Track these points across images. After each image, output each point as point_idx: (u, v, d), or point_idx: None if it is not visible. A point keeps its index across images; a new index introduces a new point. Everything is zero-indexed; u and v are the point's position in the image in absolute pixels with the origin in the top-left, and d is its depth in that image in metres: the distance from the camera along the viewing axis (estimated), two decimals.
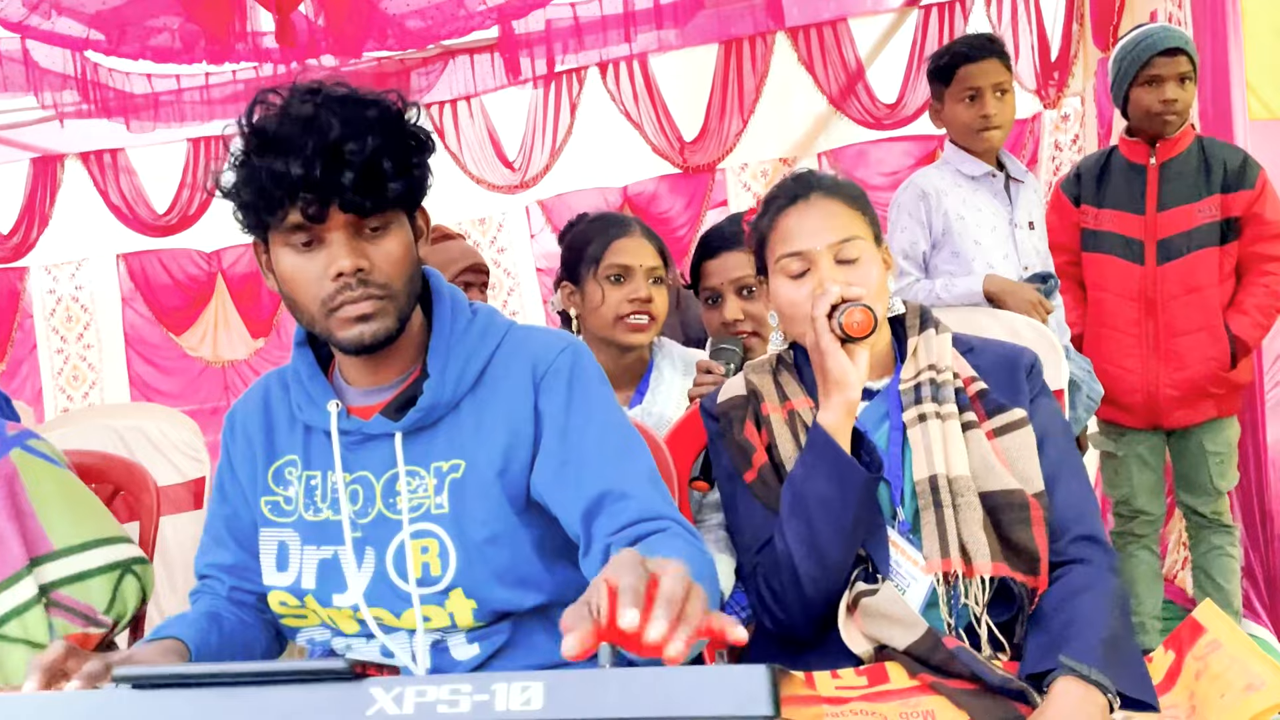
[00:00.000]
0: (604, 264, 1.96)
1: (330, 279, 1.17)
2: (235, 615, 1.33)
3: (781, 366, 1.43)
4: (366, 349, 1.20)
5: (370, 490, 1.26)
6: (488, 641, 1.26)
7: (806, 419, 1.35)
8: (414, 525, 1.23)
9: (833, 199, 1.38)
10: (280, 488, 1.31)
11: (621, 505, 1.17)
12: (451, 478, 1.23)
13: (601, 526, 1.17)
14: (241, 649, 1.31)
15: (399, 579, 1.24)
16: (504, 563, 1.23)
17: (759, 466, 1.35)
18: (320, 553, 1.27)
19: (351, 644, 1.29)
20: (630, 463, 1.22)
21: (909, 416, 1.32)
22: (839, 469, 1.23)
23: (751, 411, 1.39)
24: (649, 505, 1.17)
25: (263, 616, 1.36)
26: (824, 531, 1.24)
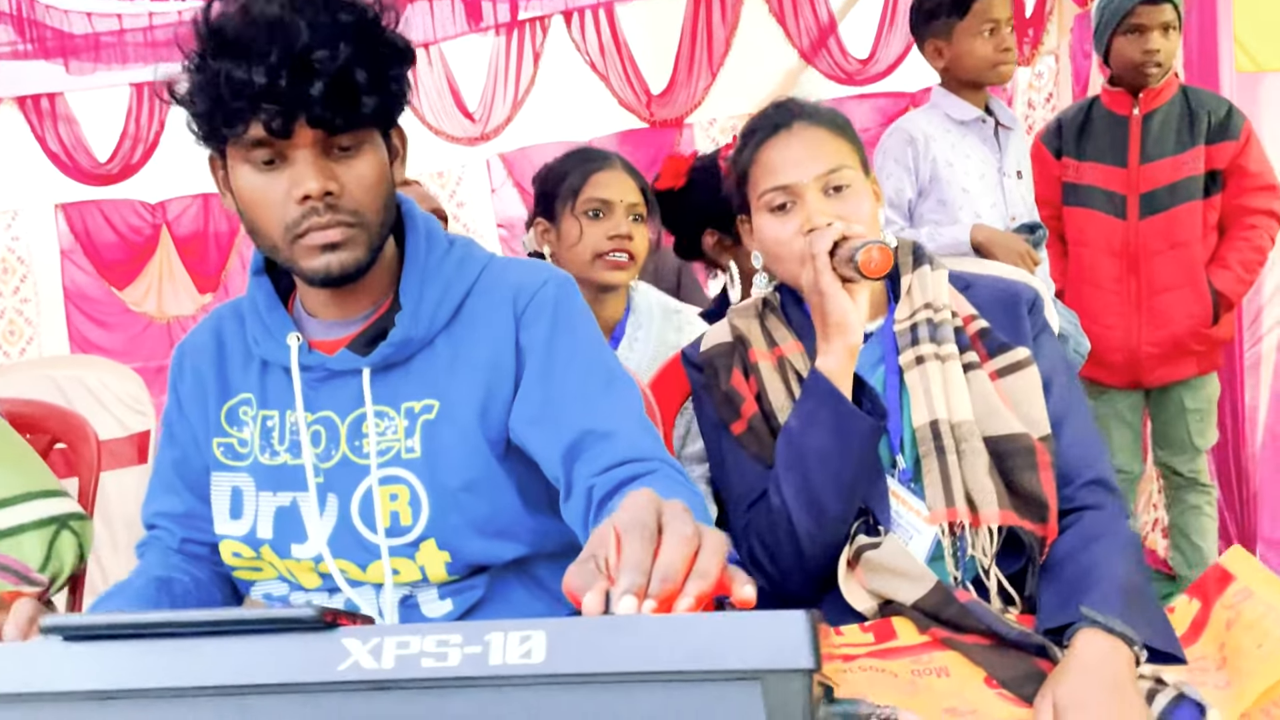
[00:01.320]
0: (582, 198, 1.87)
1: (295, 202, 1.06)
2: (188, 575, 1.23)
3: (768, 310, 1.35)
4: (334, 281, 1.10)
5: (334, 432, 1.15)
6: (461, 597, 1.17)
7: (798, 365, 1.27)
8: (382, 470, 1.13)
9: (817, 127, 1.29)
10: (234, 429, 1.21)
11: (605, 445, 1.08)
12: (424, 419, 1.14)
13: (583, 468, 1.08)
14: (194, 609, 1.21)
15: (365, 529, 1.14)
16: (482, 512, 1.13)
17: (748, 417, 1.27)
18: (278, 499, 1.17)
19: (312, 599, 1.19)
20: (615, 400, 1.13)
21: (906, 359, 1.25)
22: (840, 418, 1.15)
23: (739, 359, 1.31)
24: (635, 445, 1.08)
25: (218, 570, 1.26)
26: (823, 485, 1.16)
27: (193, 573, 1.24)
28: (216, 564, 1.26)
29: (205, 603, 1.23)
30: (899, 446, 1.23)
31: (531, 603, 1.20)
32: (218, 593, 1.26)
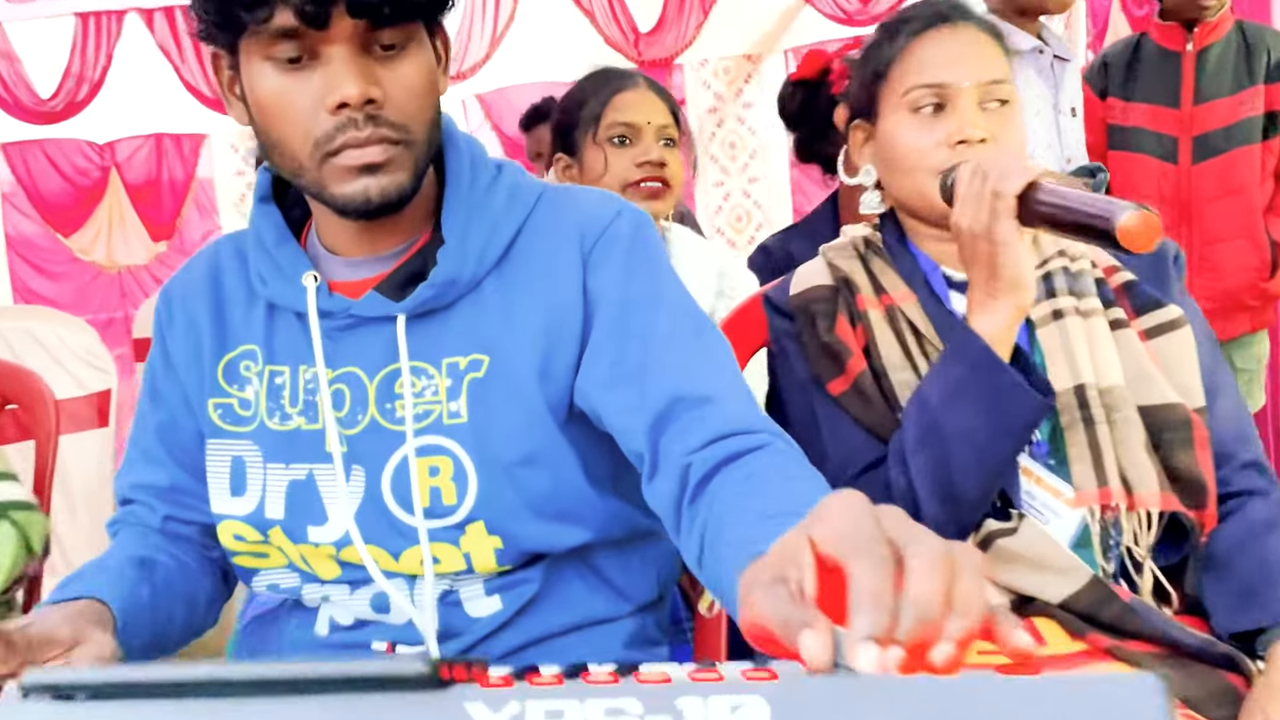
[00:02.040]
0: (605, 123, 1.67)
1: (328, 110, 0.86)
2: (171, 556, 1.03)
3: (870, 251, 1.16)
4: (371, 211, 0.90)
5: (361, 392, 0.96)
6: (512, 593, 0.98)
7: (912, 317, 1.09)
8: (421, 439, 0.94)
9: (983, 31, 1.10)
10: (234, 387, 1.00)
11: (701, 414, 0.89)
12: (471, 378, 0.94)
13: (675, 442, 0.89)
14: (182, 602, 1.01)
15: (399, 508, 0.95)
16: (540, 490, 0.95)
17: (854, 375, 1.09)
18: (291, 472, 0.98)
19: (329, 593, 1.00)
20: (709, 358, 0.94)
21: (1040, 313, 1.07)
22: (1000, 393, 0.97)
23: (844, 304, 1.12)
24: (738, 413, 0.89)
25: (207, 555, 1.07)
26: (964, 468, 0.98)
27: (177, 555, 1.04)
28: (205, 547, 1.07)
29: (191, 591, 1.03)
30: None
31: (591, 598, 1.02)
32: (206, 580, 1.06)
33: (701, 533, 0.82)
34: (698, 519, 0.84)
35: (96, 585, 0.93)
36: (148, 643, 0.96)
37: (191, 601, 1.03)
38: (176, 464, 1.05)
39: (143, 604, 0.95)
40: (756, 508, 0.76)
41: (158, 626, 0.97)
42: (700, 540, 0.83)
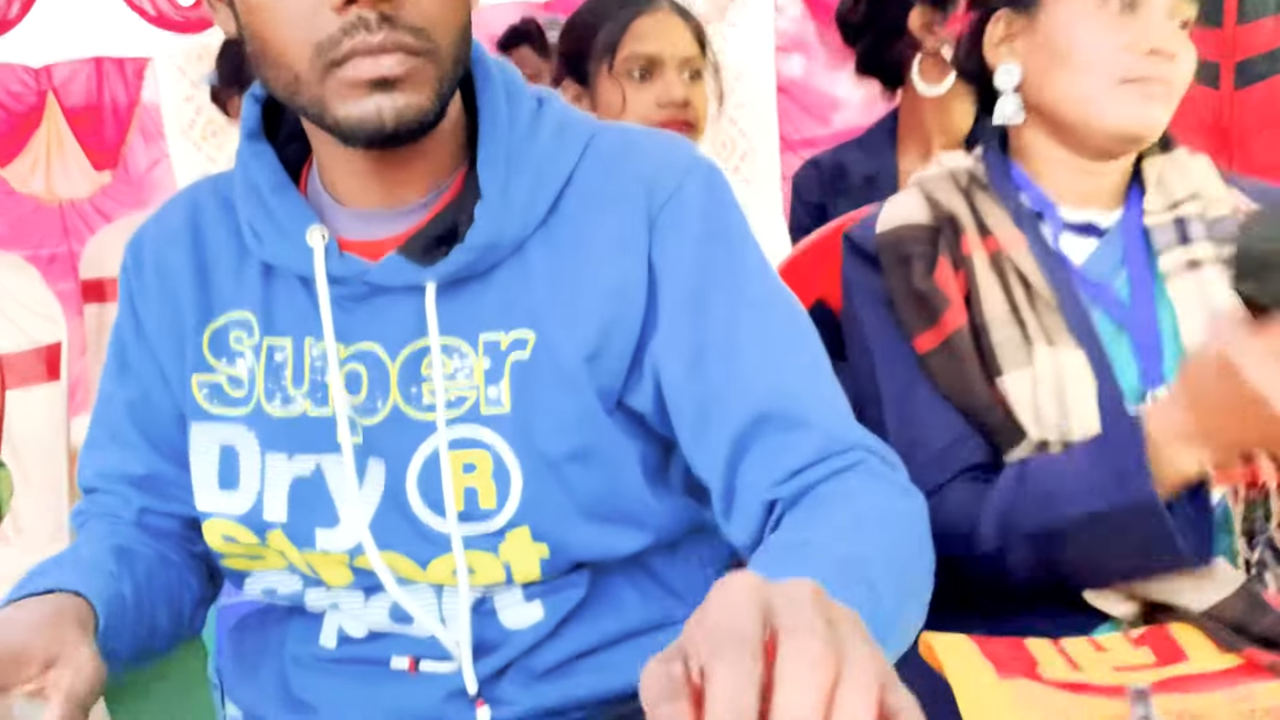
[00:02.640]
0: (622, 55, 1.51)
1: (334, 7, 0.70)
2: (151, 549, 0.89)
3: (974, 185, 1.01)
4: (384, 138, 0.74)
5: (380, 373, 0.81)
6: (555, 599, 0.85)
7: (1021, 265, 0.95)
8: (454, 430, 0.79)
9: None
10: (223, 361, 0.85)
11: (794, 437, 0.76)
12: (515, 359, 0.80)
13: (758, 469, 0.77)
14: (166, 601, 0.87)
15: (428, 511, 0.81)
16: (594, 490, 0.81)
17: (950, 330, 0.95)
18: (294, 466, 0.83)
19: (339, 600, 0.86)
20: (801, 356, 0.81)
21: (1172, 262, 0.94)
22: (1150, 543, 0.84)
23: (946, 246, 0.98)
24: (833, 430, 0.77)
25: (191, 549, 0.92)
26: (1079, 575, 0.88)
27: (157, 548, 0.90)
28: (189, 541, 0.92)
29: (175, 589, 0.89)
30: (1158, 377, 0.93)
31: (644, 603, 0.88)
32: (191, 578, 0.92)
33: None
34: None
35: (71, 577, 0.78)
36: (130, 649, 0.82)
37: (176, 602, 0.89)
38: (152, 449, 0.90)
39: (125, 601, 0.80)
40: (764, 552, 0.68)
41: (141, 629, 0.83)
42: None
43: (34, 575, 0.80)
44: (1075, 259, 0.98)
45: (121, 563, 0.84)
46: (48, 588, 0.76)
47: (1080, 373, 0.92)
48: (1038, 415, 0.92)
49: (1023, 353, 0.93)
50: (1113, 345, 0.94)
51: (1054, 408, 0.91)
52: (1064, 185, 1.00)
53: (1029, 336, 0.93)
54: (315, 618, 0.89)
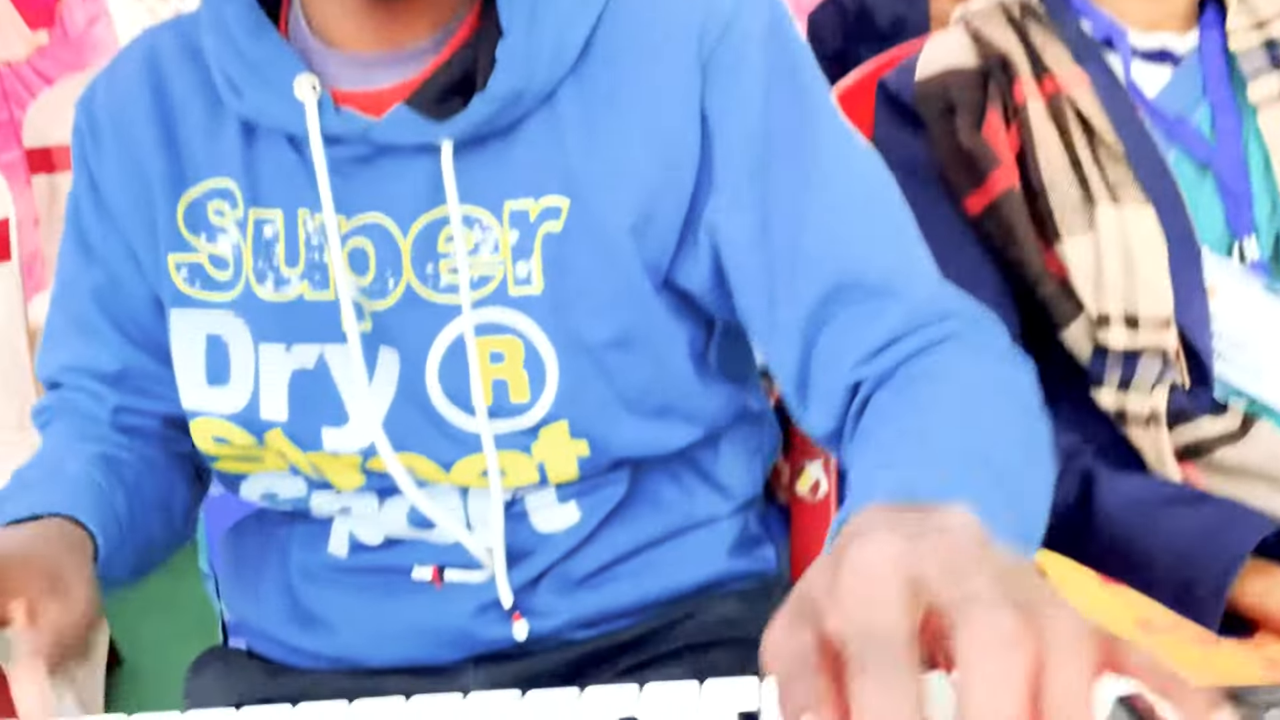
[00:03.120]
0: None
1: None
2: (134, 453, 0.80)
3: (1028, 17, 0.90)
4: None
5: (390, 249, 0.71)
6: (592, 499, 0.77)
7: (1083, 106, 0.85)
8: (479, 313, 0.70)
9: None
10: (202, 238, 0.74)
11: (878, 305, 0.66)
12: (546, 230, 0.69)
13: (838, 348, 0.67)
14: (158, 511, 0.79)
15: (451, 407, 0.72)
16: (639, 379, 0.72)
17: (999, 191, 0.86)
18: (293, 358, 0.74)
19: (350, 504, 0.78)
20: (883, 210, 0.70)
21: (1262, 91, 0.84)
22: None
23: (997, 94, 0.87)
24: (922, 298, 0.67)
25: (175, 450, 0.83)
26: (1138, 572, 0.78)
27: (140, 451, 0.81)
28: (172, 440, 0.83)
29: (165, 495, 0.81)
30: (1247, 224, 0.84)
31: (688, 499, 0.81)
32: (179, 482, 0.83)
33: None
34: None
35: (62, 498, 0.69)
36: (128, 570, 0.75)
37: (167, 510, 0.81)
38: (125, 340, 0.80)
39: (120, 521, 0.72)
40: (875, 447, 0.60)
41: (138, 548, 0.75)
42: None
43: (16, 491, 0.71)
44: (1147, 92, 0.88)
45: (110, 475, 0.75)
46: (36, 511, 0.68)
47: (1150, 235, 0.83)
48: (1100, 286, 0.83)
49: (1084, 215, 0.84)
50: (1192, 191, 0.85)
51: (1119, 276, 0.83)
52: (1129, 6, 0.89)
53: (1091, 195, 0.84)
54: (322, 523, 0.81)
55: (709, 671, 0.74)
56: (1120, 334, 0.82)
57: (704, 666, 0.75)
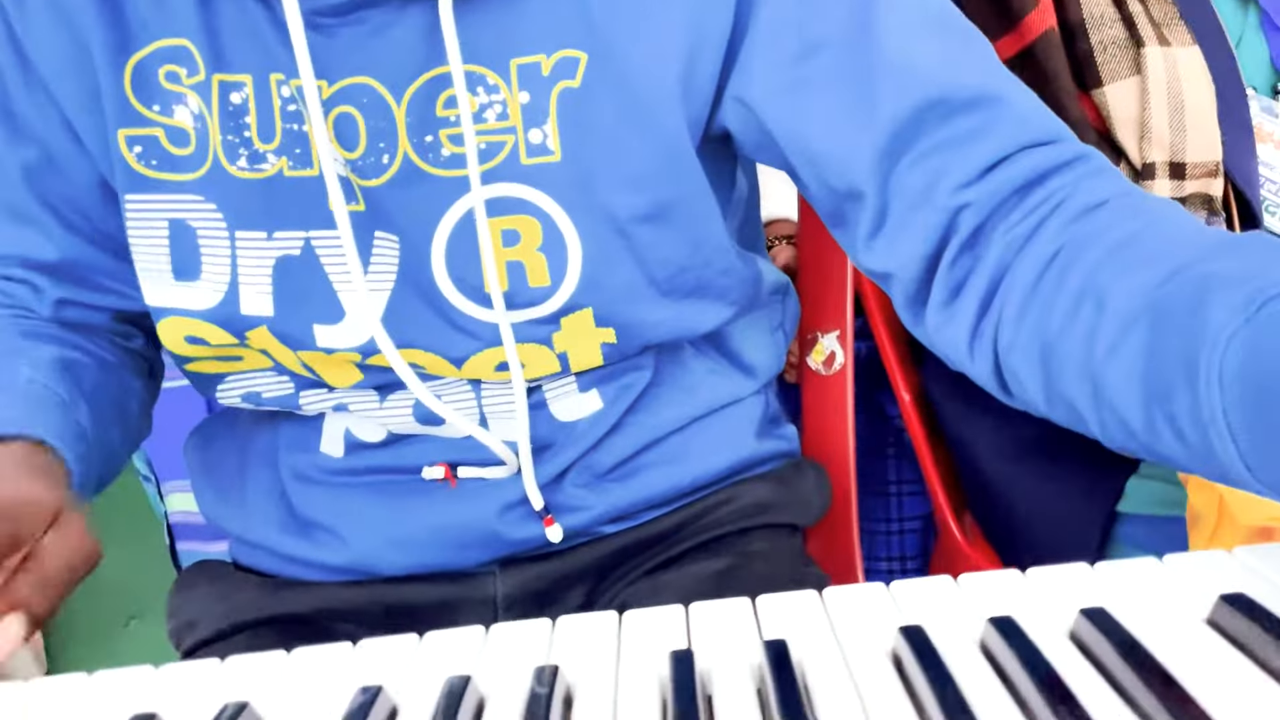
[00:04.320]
0: None
1: None
2: (85, 353, 0.72)
3: None
4: None
5: (382, 117, 0.62)
6: (616, 386, 0.72)
7: None
8: (490, 189, 0.62)
9: None
10: (155, 109, 0.65)
11: (982, 119, 0.56)
12: (562, 88, 0.62)
13: (927, 172, 0.56)
14: (116, 415, 0.71)
15: (460, 296, 0.65)
16: (673, 257, 0.66)
17: (1035, 36, 0.80)
18: (276, 246, 0.66)
19: (346, 400, 0.72)
20: (966, 31, 0.60)
21: None
22: None
23: None
24: (1028, 110, 0.57)
25: (125, 346, 0.76)
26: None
27: (90, 350, 0.73)
28: (122, 336, 0.76)
29: (121, 398, 0.73)
30: None
31: (714, 381, 0.76)
32: (133, 379, 0.76)
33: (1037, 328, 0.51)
34: (1009, 300, 0.53)
35: (24, 416, 0.61)
36: (91, 489, 0.67)
37: (124, 414, 0.73)
38: (65, 227, 0.71)
39: (87, 437, 0.65)
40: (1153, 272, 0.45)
41: (104, 460, 0.68)
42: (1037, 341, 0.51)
43: None
44: None
45: (70, 384, 0.67)
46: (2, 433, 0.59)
47: (1198, 76, 0.78)
48: (1145, 132, 0.79)
49: (1128, 57, 0.79)
50: (1234, 24, 0.80)
51: (1165, 122, 0.79)
52: None
53: (1138, 37, 0.79)
54: (310, 422, 0.75)
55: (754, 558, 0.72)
56: (1165, 183, 0.78)
57: (743, 553, 0.72)
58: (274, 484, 0.76)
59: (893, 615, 0.41)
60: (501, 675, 0.41)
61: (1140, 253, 0.47)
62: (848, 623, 0.40)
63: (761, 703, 0.36)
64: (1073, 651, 0.36)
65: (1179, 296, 0.42)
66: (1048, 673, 0.33)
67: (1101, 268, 0.48)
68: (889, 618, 0.40)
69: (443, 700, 0.38)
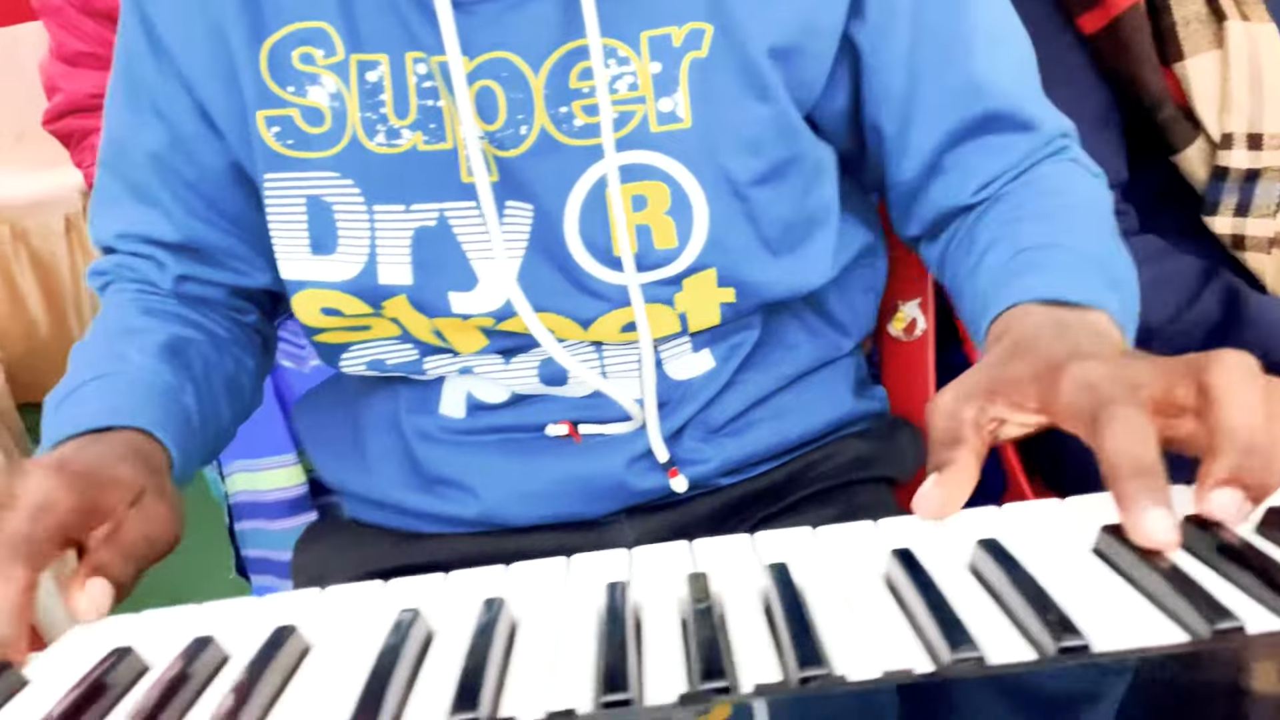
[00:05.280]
0: None
1: None
2: (200, 330, 0.76)
3: None
4: None
5: (521, 90, 0.66)
6: (727, 345, 0.77)
7: None
8: (622, 155, 0.67)
9: None
10: (289, 90, 0.69)
11: (1016, 137, 0.71)
12: (692, 57, 0.66)
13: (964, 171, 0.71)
14: (226, 394, 0.76)
15: (591, 259, 0.69)
16: (785, 216, 0.71)
17: (1120, 11, 0.84)
18: (413, 217, 0.70)
19: (471, 364, 0.76)
20: (1023, 46, 0.73)
21: None
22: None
23: None
24: (1053, 131, 0.72)
25: (241, 320, 0.80)
26: None
27: (205, 326, 0.77)
28: (238, 311, 0.80)
29: (234, 375, 0.78)
30: None
31: (814, 341, 0.81)
32: (246, 355, 0.80)
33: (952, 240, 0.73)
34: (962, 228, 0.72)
35: (130, 406, 0.65)
36: (194, 467, 0.72)
37: (236, 390, 0.78)
38: (188, 211, 0.75)
39: (192, 421, 0.69)
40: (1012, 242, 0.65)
41: (206, 441, 0.72)
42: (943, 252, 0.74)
43: (83, 392, 0.66)
44: None
45: (179, 367, 0.71)
46: (108, 424, 0.63)
47: (1276, 51, 0.83)
48: (1225, 105, 0.83)
49: (1210, 31, 0.83)
50: None
51: (1245, 94, 0.83)
52: None
53: (1219, 11, 0.83)
54: (429, 385, 0.79)
55: (859, 509, 0.76)
56: (1243, 153, 0.83)
57: (849, 504, 0.77)
58: (396, 445, 0.80)
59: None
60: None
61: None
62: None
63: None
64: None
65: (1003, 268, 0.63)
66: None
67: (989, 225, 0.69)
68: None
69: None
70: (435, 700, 0.39)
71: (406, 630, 0.43)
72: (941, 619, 0.37)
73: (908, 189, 0.73)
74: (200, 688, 0.43)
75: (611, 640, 0.39)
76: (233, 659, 0.46)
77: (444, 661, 0.42)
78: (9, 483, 0.53)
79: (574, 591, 0.46)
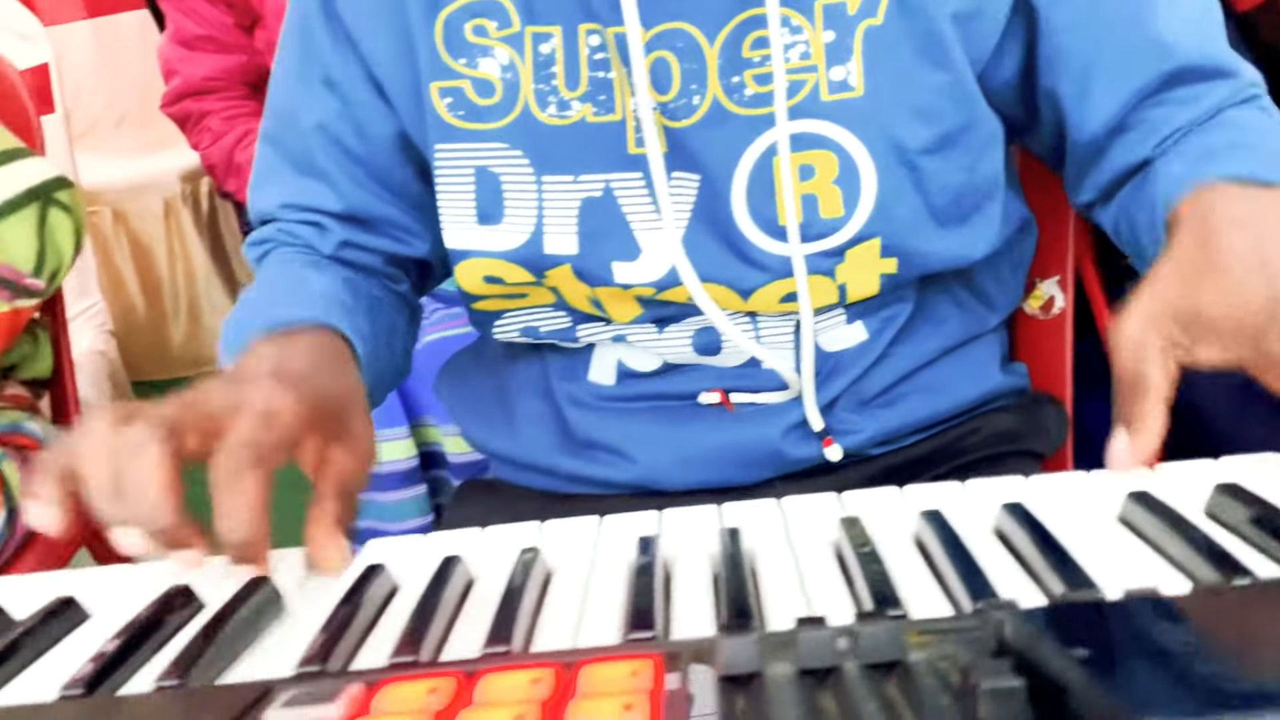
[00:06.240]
0: None
1: None
2: (365, 286, 0.79)
3: None
4: None
5: (695, 61, 0.68)
6: (879, 318, 0.78)
7: None
8: (795, 124, 0.68)
9: None
10: (462, 62, 0.71)
11: (1203, 90, 0.69)
12: (867, 25, 0.67)
13: (1150, 127, 0.70)
14: (386, 343, 0.77)
15: (757, 230, 0.71)
16: (954, 186, 0.71)
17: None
18: (580, 188, 0.72)
19: (624, 332, 0.78)
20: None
21: None
22: None
23: None
24: (1247, 80, 0.71)
25: (392, 289, 0.83)
26: None
27: (364, 283, 0.80)
28: (392, 279, 0.83)
29: (393, 327, 0.79)
30: None
31: (963, 315, 0.82)
32: (400, 319, 0.82)
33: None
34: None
35: (321, 307, 0.68)
36: (374, 398, 0.74)
37: (394, 343, 0.80)
38: (353, 182, 0.77)
39: (367, 341, 0.71)
40: (1197, 146, 0.67)
41: (378, 375, 0.74)
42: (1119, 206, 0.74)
43: (265, 302, 0.69)
44: None
45: (354, 295, 0.73)
46: (299, 318, 0.66)
47: None
48: None
49: None
50: None
51: None
52: None
53: None
54: (577, 352, 0.81)
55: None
56: None
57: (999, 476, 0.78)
58: (546, 409, 0.82)
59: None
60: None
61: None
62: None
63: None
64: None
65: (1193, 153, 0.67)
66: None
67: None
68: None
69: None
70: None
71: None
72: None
73: (1086, 152, 0.73)
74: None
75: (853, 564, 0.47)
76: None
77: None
78: (233, 391, 0.54)
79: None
